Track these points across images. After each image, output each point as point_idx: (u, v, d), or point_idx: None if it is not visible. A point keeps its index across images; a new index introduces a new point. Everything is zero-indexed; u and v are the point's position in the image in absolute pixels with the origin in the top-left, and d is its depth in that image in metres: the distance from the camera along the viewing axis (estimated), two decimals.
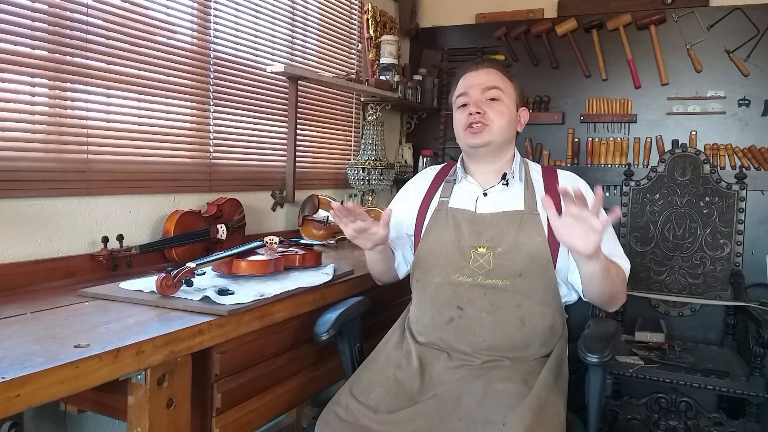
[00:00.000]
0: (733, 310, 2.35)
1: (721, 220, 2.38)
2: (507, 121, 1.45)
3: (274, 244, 1.70)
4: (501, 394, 1.21)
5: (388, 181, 2.67)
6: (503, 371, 1.29)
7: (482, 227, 1.40)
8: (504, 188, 1.46)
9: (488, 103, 1.44)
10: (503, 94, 1.45)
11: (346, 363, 1.51)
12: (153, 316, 1.19)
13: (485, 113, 1.43)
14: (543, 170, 1.52)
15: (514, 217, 1.39)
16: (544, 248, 1.35)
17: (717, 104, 2.66)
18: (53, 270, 1.48)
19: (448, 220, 1.44)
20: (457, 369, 1.31)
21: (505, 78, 1.49)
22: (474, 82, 1.47)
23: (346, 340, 1.50)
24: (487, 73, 1.47)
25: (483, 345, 1.33)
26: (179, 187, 1.88)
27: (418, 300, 1.46)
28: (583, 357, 1.26)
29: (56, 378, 0.87)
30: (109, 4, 1.61)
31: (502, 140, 1.46)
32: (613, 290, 1.33)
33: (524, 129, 1.54)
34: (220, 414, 1.27)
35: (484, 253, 1.37)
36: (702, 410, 2.09)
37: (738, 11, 2.60)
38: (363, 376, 1.34)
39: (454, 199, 1.48)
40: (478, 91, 1.45)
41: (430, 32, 3.21)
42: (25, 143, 1.44)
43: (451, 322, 1.37)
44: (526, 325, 1.34)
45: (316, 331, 1.42)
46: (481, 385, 1.25)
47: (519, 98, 1.51)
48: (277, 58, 2.28)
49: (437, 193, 1.53)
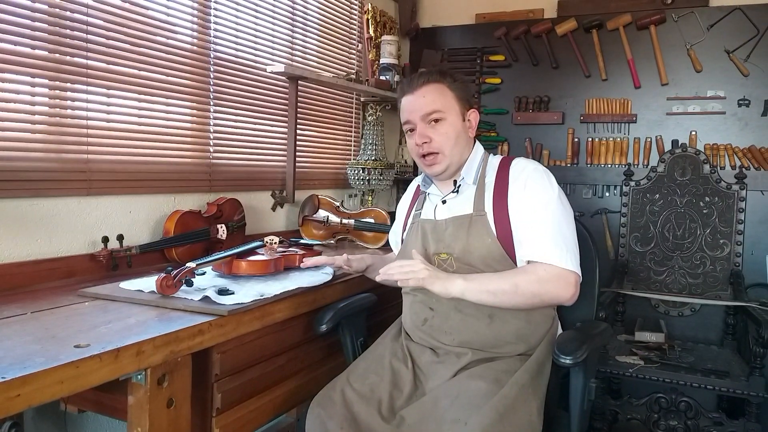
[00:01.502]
0: (732, 310, 2.35)
1: (721, 220, 2.38)
2: (455, 139, 1.43)
3: (274, 244, 1.70)
4: (472, 392, 1.22)
5: (388, 181, 2.66)
6: (478, 369, 1.30)
7: (440, 234, 1.44)
8: (457, 194, 1.48)
9: (432, 127, 1.43)
10: (444, 113, 1.42)
11: (347, 354, 1.57)
12: (153, 316, 1.19)
13: (431, 141, 1.42)
14: (500, 163, 1.49)
15: (462, 221, 1.41)
16: (496, 247, 1.36)
17: (717, 104, 2.66)
18: (53, 270, 1.48)
19: (418, 231, 1.50)
20: (440, 364, 1.35)
21: (444, 89, 1.43)
22: (413, 107, 1.44)
23: (348, 333, 1.56)
24: (423, 95, 1.43)
25: (454, 343, 1.37)
26: (179, 187, 1.88)
27: (404, 303, 1.54)
28: (555, 359, 1.24)
29: (56, 378, 0.88)
30: (109, 4, 1.61)
31: (458, 158, 1.45)
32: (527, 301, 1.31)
33: (524, 129, 1.52)
34: (220, 414, 1.27)
35: (445, 258, 1.42)
36: (702, 410, 2.09)
37: (738, 11, 2.60)
38: (360, 364, 1.41)
39: (424, 211, 1.54)
40: (418, 117, 1.43)
41: (430, 32, 3.20)
42: (25, 143, 1.44)
43: (426, 322, 1.42)
44: (495, 320, 1.36)
45: (316, 323, 1.49)
46: (455, 384, 1.27)
47: (464, 104, 1.46)
48: (277, 58, 2.28)
49: (414, 206, 1.59)
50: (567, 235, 1.34)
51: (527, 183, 1.39)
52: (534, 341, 1.38)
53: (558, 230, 1.34)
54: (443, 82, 1.44)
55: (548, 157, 2.93)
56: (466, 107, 1.47)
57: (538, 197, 1.37)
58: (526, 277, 1.31)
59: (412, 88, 1.45)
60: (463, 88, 1.48)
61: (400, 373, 1.35)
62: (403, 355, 1.40)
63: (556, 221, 1.35)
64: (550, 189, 1.39)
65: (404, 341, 1.45)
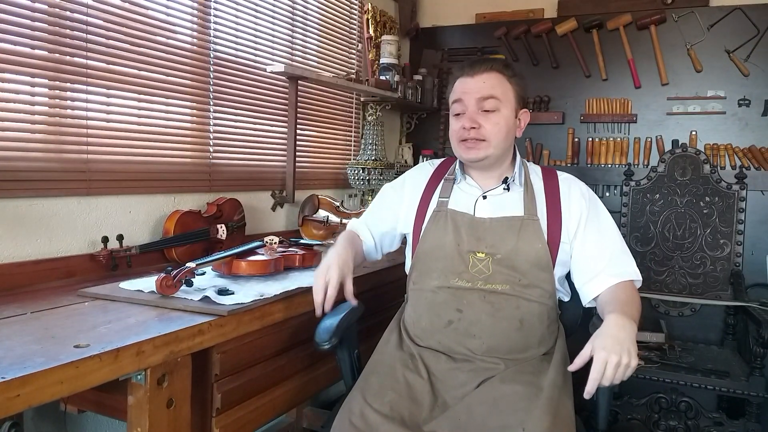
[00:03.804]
0: (733, 310, 2.35)
1: (721, 220, 2.38)
2: (504, 133, 1.38)
3: (274, 244, 1.70)
4: (511, 397, 1.20)
5: (388, 181, 2.66)
6: (508, 373, 1.27)
7: (481, 232, 1.38)
8: (504, 192, 1.43)
9: (484, 114, 1.37)
10: (501, 104, 1.37)
11: (345, 370, 1.46)
12: (153, 316, 1.19)
13: (480, 127, 1.36)
14: (543, 172, 1.49)
15: (513, 223, 1.37)
16: (545, 254, 1.35)
17: (717, 104, 2.66)
18: (53, 270, 1.48)
19: (447, 222, 1.41)
20: (458, 370, 1.30)
21: (504, 81, 1.39)
22: (470, 88, 1.38)
23: (345, 348, 1.44)
24: (484, 79, 1.38)
25: (482, 347, 1.32)
26: (179, 187, 1.88)
27: (415, 302, 1.43)
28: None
29: (56, 378, 0.87)
30: (109, 4, 1.61)
31: (500, 152, 1.40)
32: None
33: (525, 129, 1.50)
34: (220, 414, 1.27)
35: (483, 258, 1.35)
36: (702, 410, 2.09)
37: (738, 11, 2.60)
38: (372, 380, 1.30)
39: (454, 201, 1.44)
40: (473, 100, 1.37)
41: (430, 32, 3.20)
42: (24, 143, 1.44)
43: (450, 324, 1.34)
44: (524, 325, 1.33)
45: (318, 339, 1.34)
46: (488, 390, 1.24)
47: (519, 101, 1.42)
48: (277, 58, 2.28)
49: (436, 191, 1.48)
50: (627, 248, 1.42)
51: (590, 205, 1.41)
52: (551, 343, 1.38)
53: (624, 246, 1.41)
54: (505, 74, 1.40)
55: (548, 157, 2.94)
56: (521, 105, 1.43)
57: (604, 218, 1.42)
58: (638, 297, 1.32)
59: (474, 71, 1.39)
60: (523, 85, 1.44)
61: (415, 385, 1.27)
62: (415, 365, 1.32)
63: (620, 238, 1.42)
64: (603, 207, 1.45)
65: (413, 348, 1.37)
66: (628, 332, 1.11)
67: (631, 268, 1.36)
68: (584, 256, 1.37)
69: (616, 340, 1.09)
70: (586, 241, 1.37)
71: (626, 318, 1.15)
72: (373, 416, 1.19)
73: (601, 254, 1.36)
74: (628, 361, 1.07)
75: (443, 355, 1.34)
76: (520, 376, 1.26)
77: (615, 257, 1.36)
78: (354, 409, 1.23)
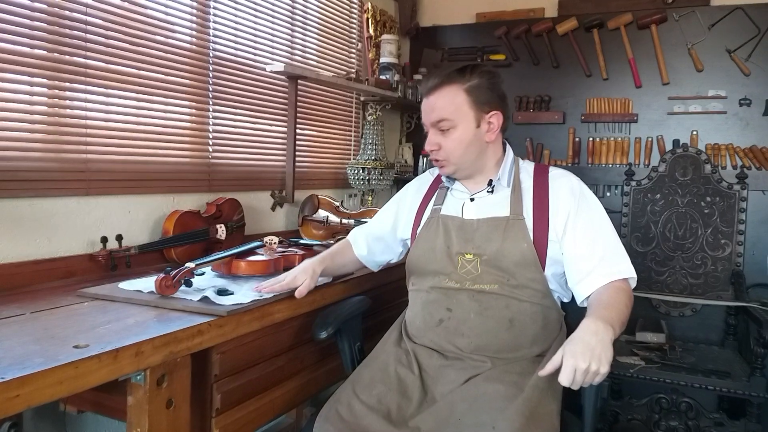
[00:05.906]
0: (734, 310, 2.34)
1: (722, 220, 2.38)
2: (464, 149, 1.39)
3: (274, 244, 1.70)
4: (491, 396, 1.21)
5: (388, 181, 2.66)
6: (494, 372, 1.28)
7: (470, 234, 1.40)
8: (489, 194, 1.44)
9: (442, 134, 1.39)
10: (454, 122, 1.37)
11: (345, 361, 1.52)
12: (152, 316, 1.19)
13: (440, 148, 1.40)
14: (535, 170, 1.47)
15: (499, 224, 1.38)
16: (531, 253, 1.34)
17: (718, 104, 2.66)
18: (52, 270, 1.48)
19: (438, 227, 1.45)
20: (450, 367, 1.32)
21: (458, 94, 1.36)
22: (425, 110, 1.42)
23: (346, 339, 1.51)
24: (434, 100, 1.39)
25: (471, 346, 1.33)
26: (178, 187, 1.87)
27: (412, 303, 1.48)
28: None
29: (55, 378, 0.87)
30: (108, 3, 1.61)
31: (469, 164, 1.42)
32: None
33: (525, 128, 1.49)
34: (220, 414, 1.26)
35: (471, 259, 1.38)
36: (703, 411, 2.09)
37: (739, 11, 2.59)
38: (364, 373, 1.36)
39: (446, 206, 1.48)
40: (429, 123, 1.41)
41: (430, 31, 3.20)
42: (24, 143, 1.44)
43: (441, 323, 1.37)
44: (515, 325, 1.34)
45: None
46: (471, 388, 1.25)
47: (481, 107, 1.38)
48: (276, 58, 2.28)
49: (432, 200, 1.53)
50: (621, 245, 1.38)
51: (579, 202, 1.38)
52: (547, 344, 1.37)
53: (617, 243, 1.37)
54: (459, 84, 1.37)
55: (549, 157, 2.93)
56: (485, 110, 1.38)
57: (595, 215, 1.38)
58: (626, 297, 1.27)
59: (427, 90, 1.41)
60: (485, 88, 1.38)
61: (406, 380, 1.31)
62: (408, 361, 1.36)
63: (613, 234, 1.38)
64: (596, 203, 1.41)
65: (408, 345, 1.40)
66: (601, 338, 1.08)
67: (623, 266, 1.33)
68: (575, 254, 1.35)
69: (587, 347, 1.07)
70: (576, 238, 1.35)
71: (601, 322, 1.12)
72: (359, 407, 1.25)
73: (592, 253, 1.33)
74: (597, 368, 1.04)
75: (435, 352, 1.37)
76: (505, 375, 1.27)
77: (607, 256, 1.33)
78: (342, 399, 1.28)
